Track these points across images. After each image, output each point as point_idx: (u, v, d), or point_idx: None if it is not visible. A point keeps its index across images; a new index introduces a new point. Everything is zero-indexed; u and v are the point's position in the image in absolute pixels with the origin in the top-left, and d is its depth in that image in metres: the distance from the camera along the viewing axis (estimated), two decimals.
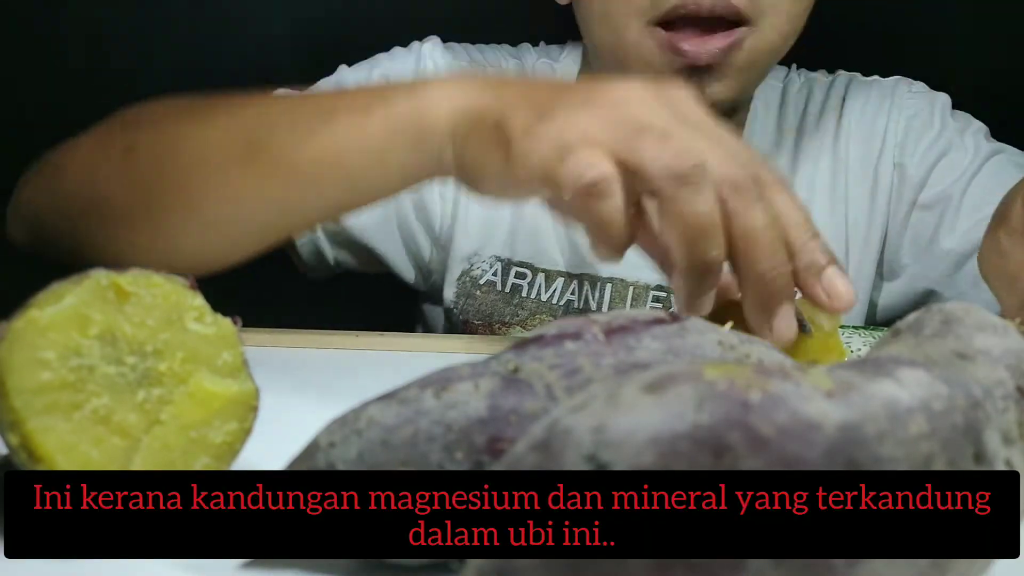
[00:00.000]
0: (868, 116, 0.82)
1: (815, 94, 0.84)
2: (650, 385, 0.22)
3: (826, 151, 0.82)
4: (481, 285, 0.81)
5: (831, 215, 0.81)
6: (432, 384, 0.29)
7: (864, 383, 0.23)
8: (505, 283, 0.81)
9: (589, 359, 0.28)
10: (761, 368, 0.22)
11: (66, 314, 0.30)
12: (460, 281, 0.81)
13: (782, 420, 0.21)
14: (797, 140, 0.83)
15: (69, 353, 0.30)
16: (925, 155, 0.80)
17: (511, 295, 0.80)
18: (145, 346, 0.31)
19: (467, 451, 0.27)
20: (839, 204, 0.81)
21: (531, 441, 0.22)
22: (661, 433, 0.21)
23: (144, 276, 0.32)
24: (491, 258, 0.81)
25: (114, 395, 0.31)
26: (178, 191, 0.54)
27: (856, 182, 0.81)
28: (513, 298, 0.80)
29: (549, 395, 0.28)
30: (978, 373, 0.25)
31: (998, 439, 0.24)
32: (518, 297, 0.80)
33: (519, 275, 0.81)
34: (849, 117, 0.82)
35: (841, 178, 0.82)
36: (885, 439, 0.22)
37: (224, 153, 0.53)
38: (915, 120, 0.81)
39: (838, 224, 0.81)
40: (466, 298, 0.81)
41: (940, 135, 0.80)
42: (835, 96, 0.84)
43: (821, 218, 0.79)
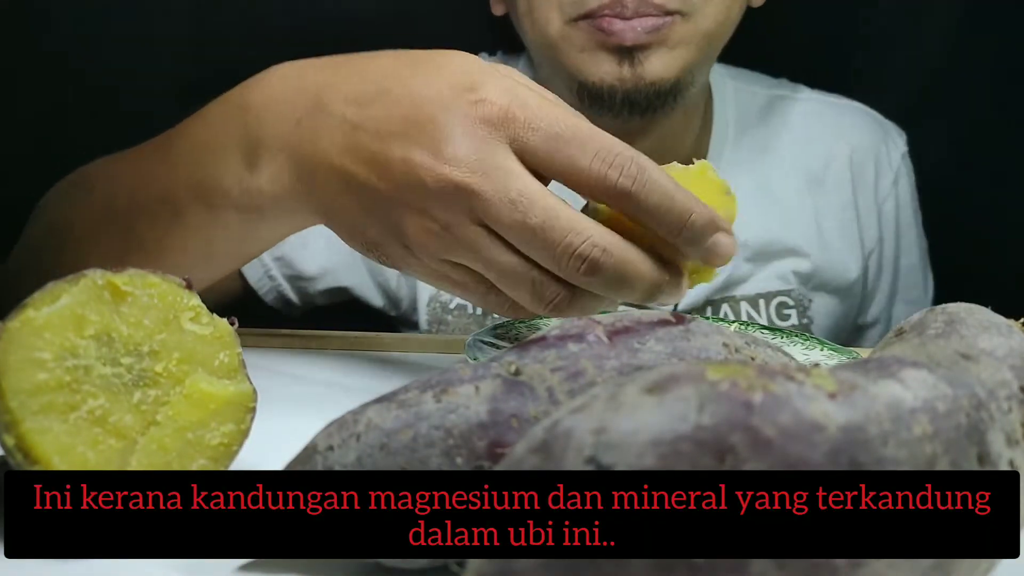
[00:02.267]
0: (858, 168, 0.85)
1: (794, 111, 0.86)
2: (652, 386, 0.22)
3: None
4: (452, 309, 0.79)
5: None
6: (432, 386, 0.28)
7: (867, 384, 0.22)
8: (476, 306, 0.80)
9: (592, 361, 0.28)
10: (764, 369, 0.22)
11: (62, 314, 0.30)
12: (430, 307, 0.80)
13: (785, 421, 0.21)
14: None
15: (65, 353, 0.30)
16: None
17: (483, 316, 0.79)
18: (141, 347, 0.31)
19: (467, 456, 0.27)
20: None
21: (531, 443, 0.22)
22: (663, 435, 0.21)
23: (140, 276, 0.32)
24: None
25: (110, 396, 0.30)
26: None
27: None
28: (486, 320, 0.79)
29: (551, 398, 0.28)
30: (982, 374, 0.25)
31: (1002, 440, 0.24)
32: (491, 318, 0.79)
33: None
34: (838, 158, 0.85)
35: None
36: (888, 440, 0.21)
37: (103, 226, 0.54)
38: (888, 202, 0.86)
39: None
40: (439, 324, 0.79)
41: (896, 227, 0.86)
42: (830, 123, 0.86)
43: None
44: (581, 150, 0.41)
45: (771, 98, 0.86)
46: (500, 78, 0.43)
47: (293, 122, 0.46)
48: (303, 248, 0.76)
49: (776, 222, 0.81)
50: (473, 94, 0.42)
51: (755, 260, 0.81)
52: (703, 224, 0.41)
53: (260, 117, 0.47)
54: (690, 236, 0.41)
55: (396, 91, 0.44)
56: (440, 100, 0.42)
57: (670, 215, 0.41)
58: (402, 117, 0.43)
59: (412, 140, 0.42)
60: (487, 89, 0.42)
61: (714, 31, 0.71)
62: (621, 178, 0.41)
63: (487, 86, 0.42)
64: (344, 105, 0.45)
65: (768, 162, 0.83)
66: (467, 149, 0.41)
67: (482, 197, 0.41)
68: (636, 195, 0.41)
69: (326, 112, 0.45)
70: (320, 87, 0.46)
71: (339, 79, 0.46)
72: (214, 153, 0.49)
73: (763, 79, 0.88)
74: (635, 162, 0.41)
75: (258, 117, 0.47)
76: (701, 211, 0.41)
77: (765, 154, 0.83)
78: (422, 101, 0.43)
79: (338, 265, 0.78)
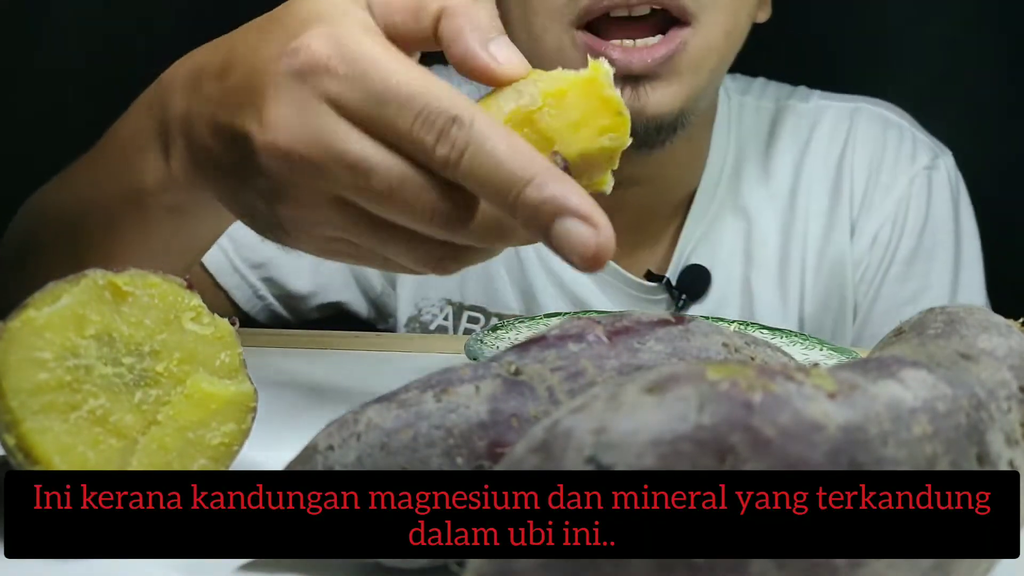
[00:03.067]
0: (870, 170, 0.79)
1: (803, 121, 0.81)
2: (652, 386, 0.22)
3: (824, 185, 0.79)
4: (432, 331, 0.77)
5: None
6: (432, 386, 0.28)
7: (867, 384, 0.22)
8: (457, 328, 0.77)
9: (592, 361, 0.28)
10: (764, 369, 0.22)
11: (63, 314, 0.30)
12: (409, 328, 0.78)
13: (785, 421, 0.21)
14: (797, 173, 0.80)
15: (66, 353, 0.30)
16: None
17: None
18: (142, 346, 0.31)
19: (468, 456, 0.27)
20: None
21: (531, 443, 0.22)
22: (663, 434, 0.21)
23: (141, 276, 0.32)
24: (441, 301, 0.78)
25: (111, 396, 0.30)
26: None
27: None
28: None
29: (551, 398, 0.28)
30: (982, 374, 0.25)
31: (1002, 440, 0.24)
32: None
33: (472, 319, 0.77)
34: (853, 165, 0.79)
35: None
36: (888, 440, 0.21)
37: (53, 228, 0.54)
38: (907, 203, 0.79)
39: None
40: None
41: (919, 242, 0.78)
42: (841, 130, 0.80)
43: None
44: (400, 110, 0.34)
45: (779, 109, 0.81)
46: (337, 26, 0.36)
47: (184, 104, 0.42)
48: (292, 266, 0.75)
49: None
50: (292, 43, 0.36)
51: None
52: (537, 203, 0.32)
53: (165, 101, 0.44)
54: (525, 217, 0.33)
55: (242, 57, 0.39)
56: (262, 57, 0.37)
57: (497, 192, 0.33)
58: (239, 86, 0.38)
59: (245, 109, 0.38)
60: (310, 37, 0.36)
61: (722, 45, 0.66)
62: (439, 145, 0.34)
63: (312, 34, 0.36)
64: (208, 81, 0.41)
65: (781, 176, 0.79)
66: (284, 111, 0.36)
67: (314, 162, 0.36)
68: (457, 165, 0.34)
69: (198, 90, 0.41)
70: (200, 65, 0.42)
71: (212, 54, 0.42)
72: (138, 150, 0.46)
73: (776, 89, 0.83)
74: (460, 124, 0.34)
75: (163, 102, 0.44)
76: (537, 188, 0.32)
77: (779, 170, 0.80)
78: (253, 62, 0.38)
79: (329, 281, 0.77)
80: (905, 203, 0.78)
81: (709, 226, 0.78)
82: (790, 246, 0.78)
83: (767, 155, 0.80)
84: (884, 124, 0.81)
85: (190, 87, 0.42)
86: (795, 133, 0.80)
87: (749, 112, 0.81)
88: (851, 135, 0.80)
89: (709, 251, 0.77)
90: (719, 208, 0.78)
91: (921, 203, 0.79)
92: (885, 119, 0.81)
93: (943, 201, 0.79)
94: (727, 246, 0.78)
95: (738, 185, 0.78)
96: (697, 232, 0.77)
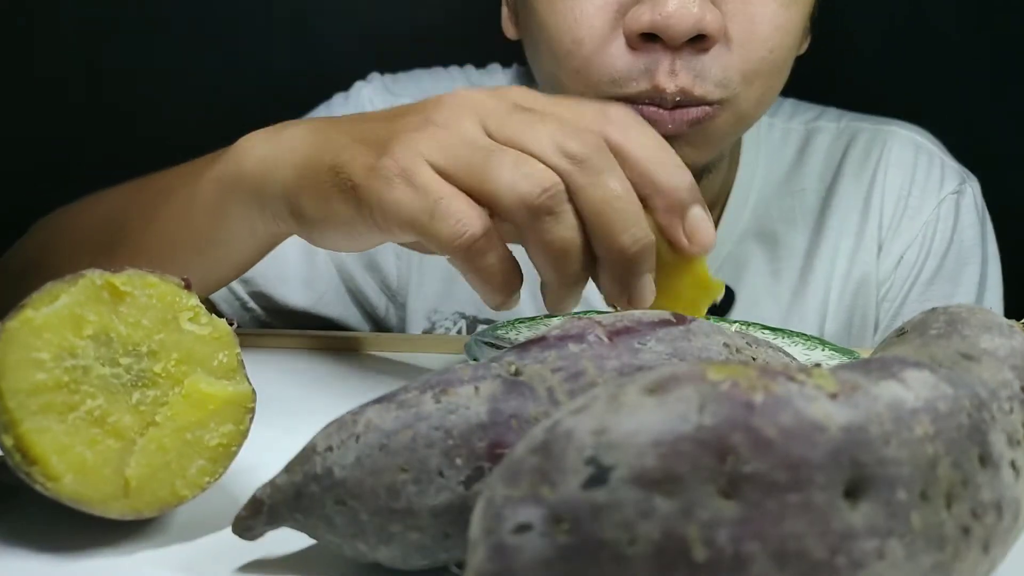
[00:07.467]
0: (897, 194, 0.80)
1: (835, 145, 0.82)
2: (652, 386, 0.22)
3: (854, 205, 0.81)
4: None
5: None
6: (432, 387, 0.28)
7: (869, 384, 0.22)
8: None
9: (593, 362, 0.28)
10: (765, 369, 0.22)
11: (60, 314, 0.30)
12: None
13: (786, 421, 0.21)
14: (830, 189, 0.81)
15: (63, 354, 0.30)
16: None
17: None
18: (140, 347, 0.31)
19: (467, 457, 0.27)
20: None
21: (531, 443, 0.22)
22: (664, 435, 0.21)
23: (139, 276, 0.32)
24: (454, 315, 0.78)
25: (109, 396, 0.30)
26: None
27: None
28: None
29: (551, 399, 0.27)
30: (984, 374, 0.25)
31: (1004, 441, 0.24)
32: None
33: None
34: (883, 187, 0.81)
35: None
36: (890, 440, 0.21)
37: (90, 248, 0.56)
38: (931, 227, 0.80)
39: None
40: None
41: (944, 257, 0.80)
42: (874, 154, 0.81)
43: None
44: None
45: (809, 132, 0.82)
46: (423, 140, 0.41)
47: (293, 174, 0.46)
48: (282, 284, 0.75)
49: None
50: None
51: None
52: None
53: (262, 182, 0.47)
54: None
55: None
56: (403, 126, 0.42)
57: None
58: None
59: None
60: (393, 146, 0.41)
61: (753, 112, 0.65)
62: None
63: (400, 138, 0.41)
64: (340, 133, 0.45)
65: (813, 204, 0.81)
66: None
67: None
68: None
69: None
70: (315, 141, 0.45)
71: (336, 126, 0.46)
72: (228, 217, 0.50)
73: (805, 111, 0.84)
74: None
75: (258, 183, 0.48)
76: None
77: (810, 189, 0.80)
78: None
79: (323, 296, 0.77)
80: (932, 226, 0.80)
81: (735, 246, 0.79)
82: (815, 264, 0.79)
83: (796, 175, 0.81)
84: (916, 149, 0.82)
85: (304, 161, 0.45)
86: (829, 153, 0.81)
87: (777, 134, 0.82)
88: (883, 157, 0.81)
89: (734, 270, 0.78)
90: (745, 229, 0.79)
91: (948, 226, 0.80)
92: (917, 144, 0.82)
93: (970, 225, 0.81)
94: (752, 266, 0.79)
95: (766, 207, 0.79)
96: (723, 252, 0.78)
